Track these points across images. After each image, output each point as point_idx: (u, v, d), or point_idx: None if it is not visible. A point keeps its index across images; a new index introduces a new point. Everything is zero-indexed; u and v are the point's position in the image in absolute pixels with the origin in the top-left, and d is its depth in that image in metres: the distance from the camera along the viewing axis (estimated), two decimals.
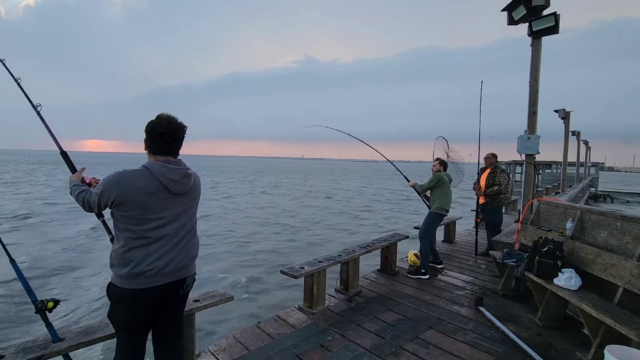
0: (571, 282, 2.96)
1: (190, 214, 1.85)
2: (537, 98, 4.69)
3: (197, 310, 2.34)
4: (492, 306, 3.61)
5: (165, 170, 1.72)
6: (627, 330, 2.25)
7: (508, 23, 4.96)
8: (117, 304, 1.74)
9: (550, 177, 27.20)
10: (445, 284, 4.32)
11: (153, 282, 1.72)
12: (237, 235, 11.68)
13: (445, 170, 4.77)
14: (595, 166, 32.17)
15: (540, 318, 3.26)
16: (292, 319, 3.22)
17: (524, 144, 4.44)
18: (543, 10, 4.56)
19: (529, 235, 4.00)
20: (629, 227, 3.01)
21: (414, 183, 4.83)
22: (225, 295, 2.53)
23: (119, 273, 1.69)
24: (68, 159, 2.03)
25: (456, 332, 3.05)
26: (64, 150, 2.02)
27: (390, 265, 4.61)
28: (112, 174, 1.69)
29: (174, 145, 1.80)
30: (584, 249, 3.18)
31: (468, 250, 5.88)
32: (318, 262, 3.49)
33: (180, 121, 1.82)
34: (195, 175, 1.93)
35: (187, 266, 1.87)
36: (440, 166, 4.73)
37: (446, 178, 4.64)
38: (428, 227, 4.61)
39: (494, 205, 5.44)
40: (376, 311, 3.45)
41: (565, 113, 11.39)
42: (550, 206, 4.15)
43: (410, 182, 4.88)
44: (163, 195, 1.71)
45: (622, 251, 2.99)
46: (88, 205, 1.74)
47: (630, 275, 2.63)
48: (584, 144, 21.78)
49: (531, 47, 4.76)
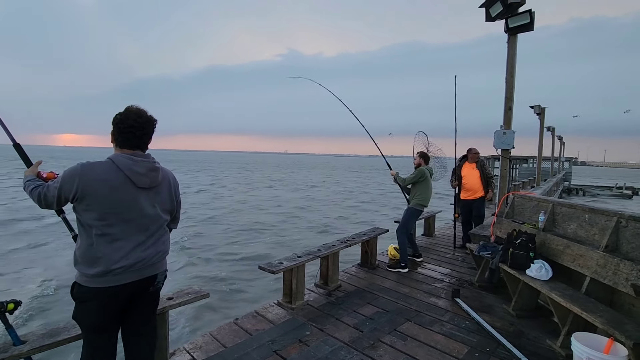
0: (542, 272, 3.06)
1: (160, 209, 1.78)
2: (512, 94, 4.80)
3: (170, 308, 2.27)
4: (468, 297, 3.70)
5: (130, 162, 1.65)
6: (592, 318, 2.34)
7: (486, 19, 5.04)
8: (82, 303, 1.67)
9: (526, 171, 28.06)
10: (424, 276, 4.39)
11: (121, 279, 1.65)
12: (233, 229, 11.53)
13: (427, 164, 4.76)
14: (569, 161, 33.44)
15: (513, 308, 3.35)
16: (271, 315, 3.19)
17: (500, 139, 4.54)
18: (519, 7, 4.65)
19: (504, 228, 4.10)
20: (596, 219, 3.12)
21: (395, 173, 4.75)
22: (201, 292, 2.48)
23: (84, 271, 1.61)
24: (22, 152, 1.91)
25: (433, 324, 3.10)
26: (17, 142, 1.90)
27: (370, 259, 4.65)
28: (74, 166, 1.61)
29: (142, 139, 1.73)
30: (554, 241, 3.29)
31: (447, 243, 5.99)
32: (297, 257, 3.47)
33: (150, 114, 1.75)
34: (166, 171, 1.86)
35: (157, 263, 1.80)
36: (421, 159, 4.71)
37: (428, 173, 4.64)
38: (405, 222, 4.65)
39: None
40: (355, 305, 3.46)
41: (540, 109, 11.74)
42: (524, 199, 4.27)
43: (392, 171, 4.80)
44: (128, 188, 1.64)
45: (589, 242, 3.11)
46: (45, 201, 1.64)
47: (597, 265, 2.74)
48: (558, 140, 22.54)
49: (507, 43, 4.86)
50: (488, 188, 5.35)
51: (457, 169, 5.56)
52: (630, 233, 2.75)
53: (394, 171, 4.78)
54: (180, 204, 2.00)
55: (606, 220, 3.00)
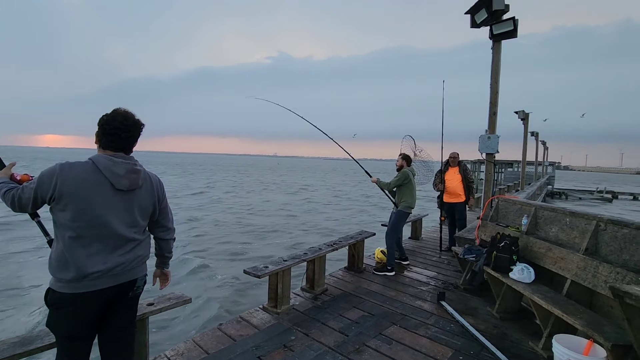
0: (524, 275, 3.10)
1: (138, 213, 1.73)
2: (497, 99, 4.88)
3: (151, 314, 2.22)
4: (453, 300, 3.72)
5: (110, 163, 1.60)
6: (572, 320, 2.38)
7: (471, 26, 5.12)
8: (57, 310, 1.61)
9: (511, 175, 28.60)
10: (410, 279, 4.40)
11: (97, 284, 1.60)
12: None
13: (409, 165, 4.77)
14: (552, 165, 34.28)
15: (497, 310, 3.39)
16: (256, 320, 3.15)
17: (485, 144, 4.61)
18: (503, 14, 4.74)
19: (488, 231, 4.15)
20: (576, 223, 3.19)
21: (376, 179, 4.70)
22: (183, 297, 2.42)
23: (59, 276, 1.56)
24: None
25: (418, 327, 3.11)
26: None
27: (357, 263, 4.64)
28: (52, 166, 1.57)
29: (128, 142, 1.69)
30: (537, 244, 3.34)
31: (433, 246, 6.04)
32: (283, 260, 3.44)
33: (137, 118, 1.73)
34: (149, 174, 1.82)
35: (137, 267, 1.76)
36: (404, 161, 4.71)
37: (411, 175, 4.68)
38: (394, 225, 4.67)
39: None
40: (341, 309, 3.45)
41: (524, 114, 12.00)
42: (508, 203, 4.34)
43: (373, 177, 4.74)
44: (105, 190, 1.60)
45: (570, 245, 3.17)
46: (19, 203, 1.58)
47: (577, 268, 2.79)
48: (542, 144, 23.08)
49: (492, 49, 4.95)
50: (469, 194, 5.48)
51: (442, 172, 5.67)
52: (609, 236, 2.82)
53: (374, 177, 4.73)
54: (167, 210, 1.93)
55: (586, 223, 3.07)
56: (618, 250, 2.72)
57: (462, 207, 5.55)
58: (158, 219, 1.88)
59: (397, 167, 4.76)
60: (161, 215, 1.89)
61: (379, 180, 4.70)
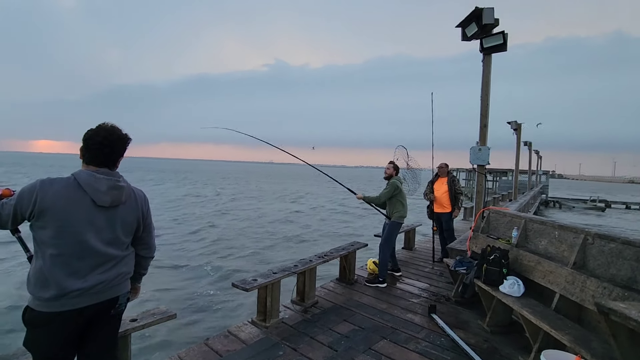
0: (515, 288, 3.09)
1: (121, 230, 1.70)
2: (488, 111, 4.92)
3: (133, 330, 2.18)
4: (444, 313, 3.70)
5: (91, 179, 1.58)
6: (560, 336, 2.37)
7: (462, 39, 5.20)
8: (35, 329, 1.57)
9: (505, 184, 28.82)
10: (402, 291, 4.38)
11: (78, 303, 1.56)
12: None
13: (397, 175, 4.76)
14: (546, 174, 34.55)
15: (488, 324, 3.37)
16: (244, 334, 3.10)
17: (476, 155, 4.64)
18: (493, 28, 4.82)
19: (479, 243, 4.15)
20: (565, 236, 3.20)
21: (362, 195, 4.57)
22: (167, 312, 2.39)
23: (37, 294, 1.53)
24: None
25: (408, 342, 3.08)
26: None
27: (349, 275, 4.61)
28: (33, 182, 1.56)
29: (110, 157, 1.67)
30: (526, 257, 3.34)
31: (426, 257, 6.03)
32: (272, 273, 3.41)
33: (124, 133, 1.71)
34: (133, 190, 1.79)
35: (119, 284, 1.72)
36: (394, 170, 4.71)
37: (400, 184, 4.66)
38: (389, 237, 4.65)
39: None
40: (331, 322, 3.41)
41: (516, 125, 12.12)
42: (499, 215, 4.35)
43: (358, 194, 4.59)
44: (86, 206, 1.57)
45: (559, 259, 3.17)
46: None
47: (565, 282, 2.79)
48: (535, 154, 23.29)
49: (482, 62, 5.01)
50: (455, 205, 5.55)
51: (432, 182, 5.76)
52: (597, 250, 2.82)
53: (359, 194, 4.59)
54: (151, 227, 1.90)
55: (574, 237, 3.08)
56: (605, 264, 2.72)
57: (448, 217, 5.63)
58: (142, 235, 1.86)
59: (386, 175, 4.72)
60: (145, 232, 1.86)
61: (365, 196, 4.59)
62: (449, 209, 5.58)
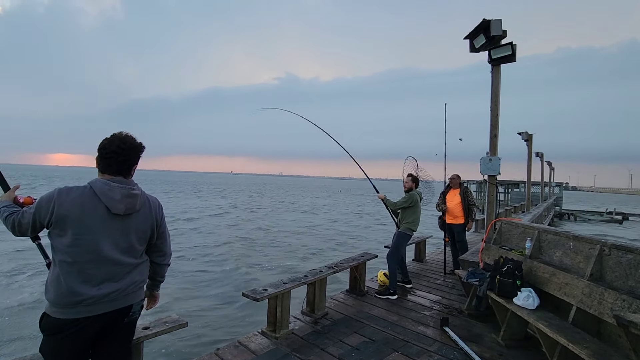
0: (529, 301, 3.02)
1: (135, 238, 1.73)
2: (497, 122, 4.91)
3: (145, 338, 2.19)
4: (457, 326, 3.63)
5: (106, 188, 1.62)
6: (579, 350, 2.30)
7: (470, 50, 5.23)
8: (50, 336, 1.59)
9: (517, 196, 28.33)
10: (413, 303, 4.31)
11: (92, 310, 1.59)
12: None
13: (416, 188, 4.76)
14: (560, 186, 33.87)
15: (502, 337, 3.29)
16: (254, 345, 3.09)
17: (486, 165, 4.62)
18: (501, 40, 4.85)
19: (491, 254, 4.08)
20: (580, 247, 3.13)
21: (383, 196, 4.69)
22: (179, 321, 2.40)
23: (54, 301, 1.56)
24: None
25: (420, 355, 3.02)
26: None
27: (359, 286, 4.57)
28: (51, 191, 1.60)
29: (125, 166, 1.71)
30: (541, 268, 3.28)
31: (437, 269, 5.94)
32: (283, 283, 3.40)
33: (138, 141, 1.75)
34: (148, 198, 1.82)
35: (133, 293, 1.74)
36: (413, 183, 4.71)
37: (418, 197, 4.65)
38: (396, 247, 4.62)
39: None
40: (342, 334, 3.37)
41: (527, 136, 12.00)
42: (511, 226, 4.28)
43: (380, 194, 4.74)
44: (102, 214, 1.61)
45: (575, 270, 3.10)
46: (19, 228, 1.61)
47: (582, 294, 2.72)
48: (547, 165, 22.93)
49: (491, 73, 5.03)
50: (469, 217, 5.49)
51: (444, 194, 5.71)
52: (614, 262, 2.76)
53: (381, 194, 4.73)
54: (165, 234, 1.92)
55: (590, 248, 3.01)
56: (624, 276, 2.65)
57: (461, 228, 5.55)
58: (156, 242, 1.88)
59: (405, 189, 4.75)
60: (159, 239, 1.88)
61: (385, 197, 4.70)
62: (461, 220, 5.51)
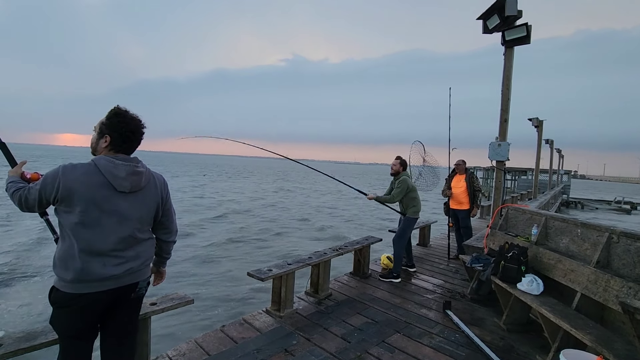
0: (533, 286, 3.02)
1: (144, 214, 1.74)
2: (508, 106, 4.80)
3: (153, 314, 2.24)
4: (459, 310, 3.66)
5: (110, 165, 1.62)
6: (581, 335, 2.31)
7: (483, 32, 5.07)
8: (59, 309, 1.63)
9: (525, 183, 28.05)
10: (417, 287, 4.34)
11: (100, 286, 1.61)
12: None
13: (405, 170, 4.63)
14: (568, 174, 33.43)
15: (504, 322, 3.31)
16: (258, 323, 3.15)
17: (495, 151, 4.54)
18: (515, 20, 4.68)
19: (497, 240, 4.07)
20: (588, 234, 3.10)
21: (374, 196, 4.53)
22: (185, 298, 2.44)
23: (62, 276, 1.58)
24: (7, 151, 1.88)
25: (422, 336, 3.06)
26: (2, 142, 1.87)
27: (363, 268, 4.61)
28: (56, 167, 1.59)
29: (135, 145, 1.74)
30: (546, 255, 3.26)
31: (441, 254, 5.95)
32: (287, 264, 3.43)
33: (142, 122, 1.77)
34: (153, 174, 1.82)
35: (140, 270, 1.77)
36: (401, 167, 4.56)
37: (411, 180, 4.57)
38: (404, 231, 4.60)
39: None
40: (345, 315, 3.42)
41: (538, 122, 11.76)
42: (518, 212, 4.25)
43: (369, 195, 4.55)
44: (107, 192, 1.60)
45: (581, 257, 3.08)
46: (26, 203, 1.62)
47: (587, 281, 2.71)
48: (556, 152, 22.58)
49: (504, 55, 4.88)
50: (474, 203, 5.42)
51: (449, 178, 5.66)
52: (622, 249, 2.73)
53: (371, 195, 4.55)
54: (171, 211, 1.92)
55: (598, 235, 2.98)
56: (631, 264, 2.62)
57: (465, 214, 5.51)
58: (162, 219, 1.88)
59: (392, 171, 4.60)
60: (165, 217, 1.89)
61: (377, 196, 4.55)
62: (466, 206, 5.47)
